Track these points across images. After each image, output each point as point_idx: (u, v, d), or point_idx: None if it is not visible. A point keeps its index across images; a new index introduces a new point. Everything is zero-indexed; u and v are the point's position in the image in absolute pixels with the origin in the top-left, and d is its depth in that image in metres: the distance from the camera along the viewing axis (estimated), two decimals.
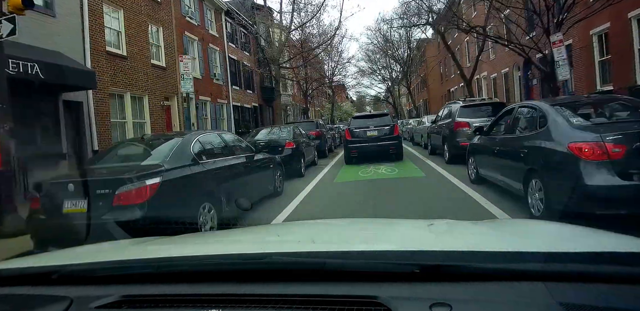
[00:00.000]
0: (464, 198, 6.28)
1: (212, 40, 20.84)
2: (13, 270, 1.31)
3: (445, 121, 11.23)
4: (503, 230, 1.75)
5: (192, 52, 18.71)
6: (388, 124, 11.96)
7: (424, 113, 42.32)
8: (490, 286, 0.96)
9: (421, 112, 42.84)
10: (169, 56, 16.41)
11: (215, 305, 1.00)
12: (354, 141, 11.76)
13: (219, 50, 21.60)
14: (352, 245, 1.47)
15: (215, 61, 21.21)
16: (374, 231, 1.86)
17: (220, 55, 21.73)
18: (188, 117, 17.77)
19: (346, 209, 6.28)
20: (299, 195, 7.57)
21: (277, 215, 5.98)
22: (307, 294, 0.99)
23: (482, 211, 5.34)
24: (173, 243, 1.79)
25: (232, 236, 2.02)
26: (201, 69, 19.13)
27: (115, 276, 1.19)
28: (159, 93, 15.42)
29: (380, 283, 1.01)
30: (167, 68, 16.15)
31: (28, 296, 1.15)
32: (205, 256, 1.26)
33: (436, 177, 8.84)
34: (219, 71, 21.26)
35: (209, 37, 20.50)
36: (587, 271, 0.99)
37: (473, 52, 24.10)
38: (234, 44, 24.15)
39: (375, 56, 45.09)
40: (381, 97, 59.50)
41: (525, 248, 1.23)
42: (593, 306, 0.87)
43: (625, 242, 1.29)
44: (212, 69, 20.47)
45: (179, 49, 17.18)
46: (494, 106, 10.64)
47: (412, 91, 44.18)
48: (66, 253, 1.67)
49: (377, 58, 45.16)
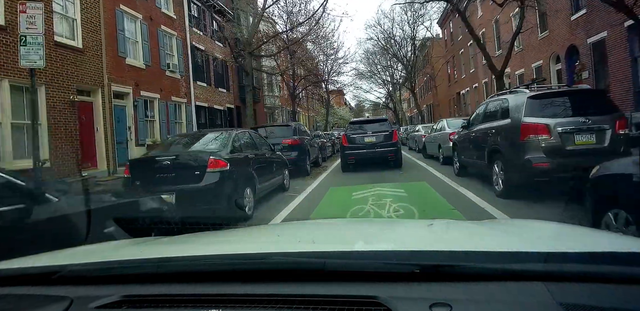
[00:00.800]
0: None
1: (167, 22, 16.28)
2: (13, 270, 1.28)
3: (493, 124, 6.61)
4: (503, 230, 1.76)
5: (133, 35, 14.12)
6: (387, 130, 11.31)
7: (429, 120, 37.91)
8: (490, 286, 0.96)
9: (425, 119, 38.45)
10: (91, 35, 11.83)
11: (215, 305, 1.01)
12: (351, 148, 11.12)
13: (178, 36, 17.03)
14: (352, 245, 1.48)
15: (170, 49, 16.62)
16: (374, 231, 1.85)
17: (179, 42, 17.15)
18: (122, 118, 13.13)
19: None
20: None
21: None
22: (307, 294, 0.99)
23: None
24: (173, 243, 1.81)
25: (232, 236, 1.99)
26: (145, 56, 14.52)
27: (115, 276, 1.19)
28: (68, 84, 10.80)
29: (380, 283, 1.01)
30: (86, 50, 11.55)
31: (28, 296, 1.14)
32: (205, 256, 1.26)
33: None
34: (176, 62, 16.67)
35: (162, 17, 15.95)
36: (587, 271, 0.98)
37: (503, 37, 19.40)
38: (202, 31, 19.58)
39: (375, 58, 41.03)
40: (381, 102, 55.82)
41: (525, 248, 1.23)
42: (593, 306, 0.87)
43: (625, 242, 1.34)
44: (164, 59, 15.87)
45: (107, 26, 12.61)
46: (582, 96, 6.08)
47: (416, 95, 39.67)
48: (66, 253, 1.60)
49: (377, 60, 41.19)
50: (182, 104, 17.07)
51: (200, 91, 18.77)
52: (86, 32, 11.67)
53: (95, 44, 12.03)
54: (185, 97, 17.25)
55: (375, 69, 42.92)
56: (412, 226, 1.91)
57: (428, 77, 39.59)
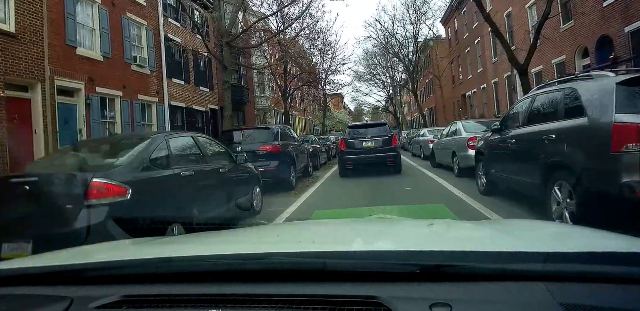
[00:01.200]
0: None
1: (135, 9, 14.11)
2: (13, 270, 1.28)
3: (552, 127, 4.40)
4: (503, 230, 1.73)
5: (88, 21, 11.94)
6: (386, 134, 11.00)
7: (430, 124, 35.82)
8: (490, 286, 0.96)
9: (427, 123, 36.33)
10: (28, 17, 9.66)
11: (215, 305, 1.00)
12: (349, 152, 10.83)
13: (148, 26, 14.85)
14: (352, 245, 1.49)
15: (138, 40, 14.42)
16: (374, 231, 1.85)
17: (150, 33, 14.96)
18: (71, 119, 10.94)
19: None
20: None
21: None
22: (307, 294, 0.99)
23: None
24: (173, 243, 1.84)
25: (232, 236, 1.97)
26: (105, 47, 12.33)
27: (116, 276, 1.18)
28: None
29: (380, 283, 1.00)
30: (20, 36, 9.38)
31: (28, 296, 1.14)
32: (205, 256, 1.25)
33: None
34: (146, 55, 14.48)
35: (128, 3, 13.78)
36: (587, 271, 0.98)
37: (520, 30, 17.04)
38: (179, 23, 17.43)
39: (375, 58, 39.03)
40: (381, 105, 53.83)
41: (525, 248, 1.23)
42: (593, 306, 0.86)
43: (625, 242, 1.29)
44: (130, 51, 13.66)
45: (52, 8, 10.44)
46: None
47: (417, 97, 37.54)
48: (66, 253, 1.59)
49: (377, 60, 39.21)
50: (153, 103, 14.85)
51: (176, 89, 16.58)
52: (21, 14, 9.48)
53: (35, 29, 9.84)
54: (156, 95, 15.03)
55: (375, 70, 40.98)
56: (412, 226, 1.90)
57: (430, 79, 37.54)
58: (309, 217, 5.92)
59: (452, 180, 8.87)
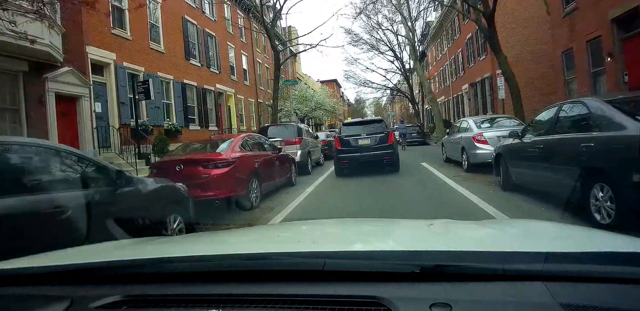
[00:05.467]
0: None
1: None
2: (13, 270, 1.28)
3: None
4: (503, 230, 1.74)
5: None
6: (382, 131, 10.87)
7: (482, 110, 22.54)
8: (490, 286, 0.95)
9: (481, 109, 23.05)
10: None
11: (215, 305, 1.00)
12: (344, 151, 10.76)
13: None
14: (352, 245, 1.49)
15: None
16: (374, 231, 1.87)
17: None
18: None
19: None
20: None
21: None
22: (307, 294, 0.99)
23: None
24: (173, 243, 1.88)
25: (232, 236, 1.99)
26: None
27: (116, 276, 1.18)
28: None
29: (380, 283, 1.01)
30: None
31: (28, 296, 1.14)
32: (206, 256, 1.26)
33: None
34: None
35: None
36: (587, 271, 0.97)
37: None
38: None
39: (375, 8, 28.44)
40: (391, 84, 40.88)
41: (525, 248, 1.22)
42: (593, 306, 0.86)
43: (625, 242, 1.28)
44: None
45: None
46: None
47: None
48: (66, 253, 1.60)
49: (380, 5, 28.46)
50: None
51: None
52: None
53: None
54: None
55: (377, 32, 31.96)
56: (412, 226, 1.88)
57: (476, 30, 20.03)
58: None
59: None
